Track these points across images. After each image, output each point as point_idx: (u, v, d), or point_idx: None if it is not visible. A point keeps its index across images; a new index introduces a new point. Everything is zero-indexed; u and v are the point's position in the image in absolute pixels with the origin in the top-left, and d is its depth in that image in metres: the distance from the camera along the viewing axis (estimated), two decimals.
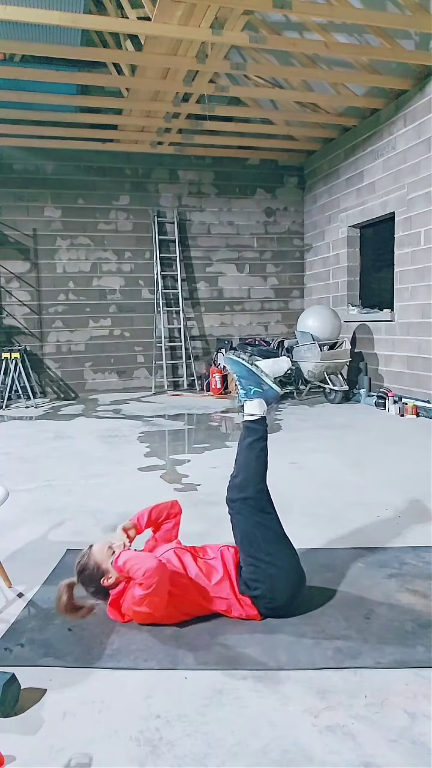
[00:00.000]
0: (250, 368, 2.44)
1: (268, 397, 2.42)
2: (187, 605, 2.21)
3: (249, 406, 2.40)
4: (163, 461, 4.82)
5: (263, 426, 2.39)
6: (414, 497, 3.70)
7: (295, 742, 1.62)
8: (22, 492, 3.92)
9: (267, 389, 2.43)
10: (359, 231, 8.41)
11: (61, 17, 5.15)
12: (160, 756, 1.58)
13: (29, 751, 1.61)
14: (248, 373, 2.44)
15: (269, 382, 2.43)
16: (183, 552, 2.32)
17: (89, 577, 2.24)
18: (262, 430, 2.38)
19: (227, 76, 7.54)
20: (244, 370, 2.45)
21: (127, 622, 2.23)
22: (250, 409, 2.39)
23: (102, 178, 9.04)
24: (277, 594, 2.20)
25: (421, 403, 6.57)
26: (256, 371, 2.44)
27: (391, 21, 5.62)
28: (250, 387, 2.42)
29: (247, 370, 2.44)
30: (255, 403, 2.39)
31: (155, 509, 2.52)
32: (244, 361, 2.47)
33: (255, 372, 2.44)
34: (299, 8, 5.25)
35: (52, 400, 8.68)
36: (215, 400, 8.22)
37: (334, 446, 5.23)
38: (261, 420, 2.39)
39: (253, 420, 2.38)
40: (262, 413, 2.39)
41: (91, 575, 2.24)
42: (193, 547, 2.41)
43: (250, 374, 2.44)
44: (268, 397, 2.42)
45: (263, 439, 2.37)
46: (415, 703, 1.77)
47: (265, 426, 2.40)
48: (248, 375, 2.44)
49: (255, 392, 2.41)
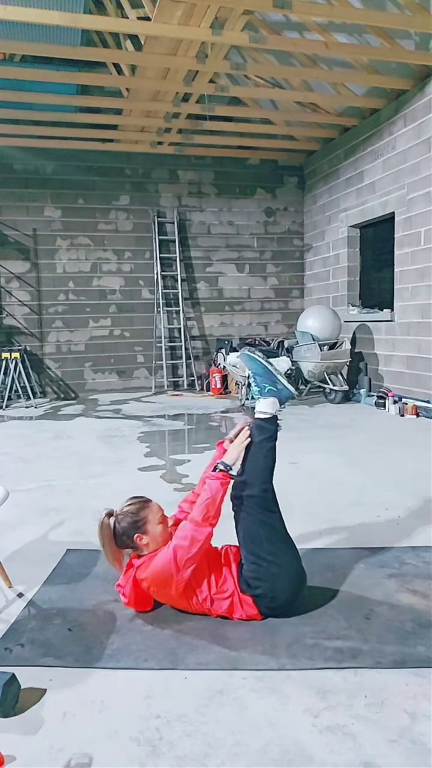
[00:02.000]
0: (266, 366, 2.43)
1: (281, 396, 2.41)
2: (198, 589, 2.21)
3: (262, 404, 2.39)
4: (163, 461, 4.82)
5: (274, 426, 2.38)
6: (414, 497, 3.70)
7: (295, 742, 1.62)
8: (22, 492, 3.92)
9: (281, 389, 2.42)
10: (359, 231, 8.41)
11: (61, 17, 5.15)
12: (160, 756, 1.58)
13: (29, 751, 1.61)
14: (264, 371, 2.43)
15: (284, 382, 2.42)
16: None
17: (131, 523, 2.24)
18: (273, 430, 2.37)
19: (227, 76, 7.54)
20: (260, 368, 2.44)
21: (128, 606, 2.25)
22: (263, 407, 2.38)
23: (102, 178, 9.04)
24: (278, 593, 2.20)
25: (421, 403, 6.57)
26: (272, 370, 2.43)
27: (391, 21, 5.63)
28: (265, 385, 2.41)
29: (264, 368, 2.43)
30: (269, 401, 2.39)
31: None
32: (261, 358, 2.45)
33: (271, 370, 2.43)
34: (299, 8, 5.25)
35: (52, 400, 8.68)
36: (215, 400, 8.22)
37: (335, 446, 5.23)
38: (272, 419, 2.39)
39: (264, 418, 2.38)
40: (275, 412, 2.38)
41: (134, 522, 2.24)
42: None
43: (266, 372, 2.43)
44: (281, 397, 2.41)
45: (273, 438, 2.36)
46: (415, 703, 1.77)
47: (276, 426, 2.39)
48: (264, 373, 2.43)
49: (269, 390, 2.40)
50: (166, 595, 2.23)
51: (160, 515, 2.30)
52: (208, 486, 2.21)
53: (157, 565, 2.16)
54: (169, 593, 2.21)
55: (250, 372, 2.47)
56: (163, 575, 2.15)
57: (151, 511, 2.28)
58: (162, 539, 2.26)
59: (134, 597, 2.25)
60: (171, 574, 2.14)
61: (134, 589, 2.24)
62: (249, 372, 2.48)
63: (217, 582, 2.23)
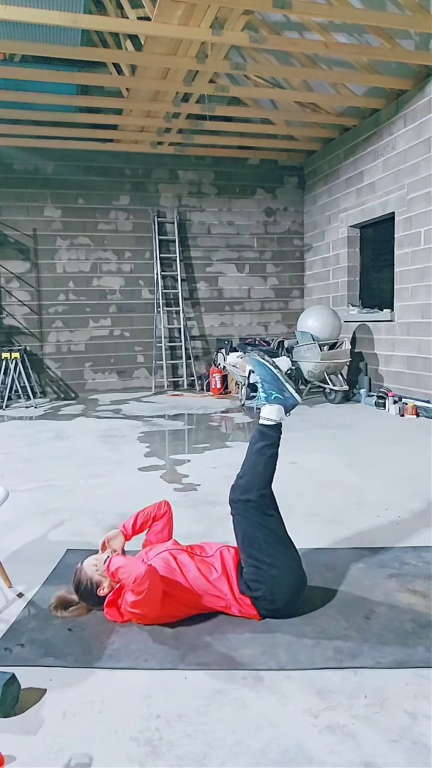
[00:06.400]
0: (275, 373, 2.42)
1: (287, 404, 2.40)
2: (185, 604, 2.21)
3: (267, 411, 2.38)
4: (163, 461, 4.82)
5: (277, 433, 2.37)
6: (414, 497, 3.69)
7: (295, 742, 1.61)
8: (22, 492, 3.92)
9: (288, 396, 2.40)
10: (359, 231, 8.41)
11: (61, 17, 5.15)
12: (160, 756, 1.58)
13: (29, 751, 1.61)
14: (273, 377, 2.42)
15: (291, 390, 2.41)
16: (179, 552, 2.32)
17: (86, 592, 2.28)
18: (276, 437, 2.36)
19: (227, 76, 7.54)
20: (269, 375, 2.42)
21: (126, 622, 2.23)
22: (268, 413, 2.37)
23: (102, 178, 9.04)
24: (277, 596, 2.20)
25: (421, 403, 6.57)
26: (280, 377, 2.42)
27: (391, 21, 5.62)
28: (272, 392, 2.39)
29: (272, 375, 2.42)
30: (274, 408, 2.37)
31: (141, 514, 2.53)
32: (270, 364, 2.44)
33: (279, 377, 2.42)
34: (299, 8, 5.25)
35: (52, 400, 8.67)
36: (215, 400, 8.22)
37: (335, 446, 5.23)
38: (276, 426, 2.37)
39: (268, 425, 2.36)
40: (279, 420, 2.37)
41: (87, 589, 2.27)
42: (189, 545, 2.41)
43: (274, 379, 2.41)
44: (287, 405, 2.40)
45: (275, 446, 2.35)
46: (415, 703, 1.77)
47: (279, 433, 2.38)
48: (272, 380, 2.41)
49: (276, 398, 2.38)
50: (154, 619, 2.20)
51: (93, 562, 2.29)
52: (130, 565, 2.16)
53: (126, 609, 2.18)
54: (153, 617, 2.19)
55: (258, 377, 2.46)
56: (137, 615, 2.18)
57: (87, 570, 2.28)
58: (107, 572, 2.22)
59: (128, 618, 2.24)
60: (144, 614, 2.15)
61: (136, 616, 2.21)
62: (257, 377, 2.47)
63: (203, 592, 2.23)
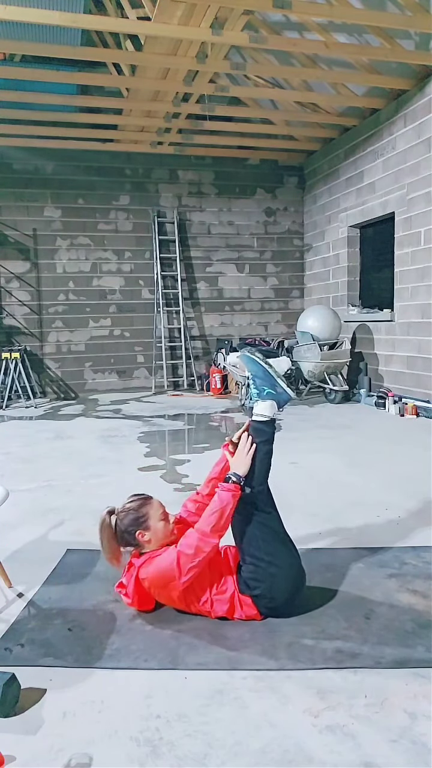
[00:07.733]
0: (266, 369, 2.42)
1: (280, 400, 2.40)
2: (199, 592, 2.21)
3: (260, 407, 2.37)
4: (163, 461, 4.82)
5: (271, 429, 2.38)
6: (414, 497, 3.69)
7: (295, 742, 1.61)
8: (22, 492, 3.92)
9: (280, 392, 2.39)
10: (359, 231, 8.41)
11: (61, 17, 5.15)
12: (160, 756, 1.58)
13: (29, 751, 1.60)
14: (264, 373, 2.41)
15: (283, 386, 2.41)
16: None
17: (132, 519, 2.25)
18: (270, 433, 2.36)
19: (227, 76, 7.54)
20: (260, 371, 2.42)
21: (128, 595, 2.24)
22: (261, 410, 2.37)
23: (102, 178, 9.04)
24: (276, 594, 2.20)
25: (421, 403, 6.57)
26: (271, 372, 2.42)
27: (391, 21, 5.62)
28: (264, 388, 2.39)
29: (263, 371, 2.41)
30: (267, 404, 2.37)
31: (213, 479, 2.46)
32: (261, 360, 2.44)
33: (270, 373, 2.42)
34: (299, 8, 5.25)
35: (52, 400, 8.67)
36: (215, 400, 8.22)
37: (334, 446, 5.23)
38: (270, 422, 2.37)
39: (262, 421, 2.37)
40: (272, 415, 2.37)
41: (136, 518, 2.25)
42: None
43: (265, 375, 2.41)
44: (280, 400, 2.40)
45: (270, 442, 2.36)
46: (415, 703, 1.77)
47: (273, 429, 2.38)
48: (264, 375, 2.41)
49: (268, 393, 2.38)
50: (166, 596, 2.23)
51: (162, 512, 2.30)
52: (218, 497, 2.20)
53: (159, 566, 2.16)
54: (169, 594, 2.21)
55: (249, 374, 2.46)
56: (164, 578, 2.15)
57: (152, 508, 2.29)
58: (163, 536, 2.27)
59: (137, 596, 2.25)
60: (172, 578, 2.13)
61: (137, 588, 2.23)
62: (248, 374, 2.47)
63: (218, 585, 2.23)
